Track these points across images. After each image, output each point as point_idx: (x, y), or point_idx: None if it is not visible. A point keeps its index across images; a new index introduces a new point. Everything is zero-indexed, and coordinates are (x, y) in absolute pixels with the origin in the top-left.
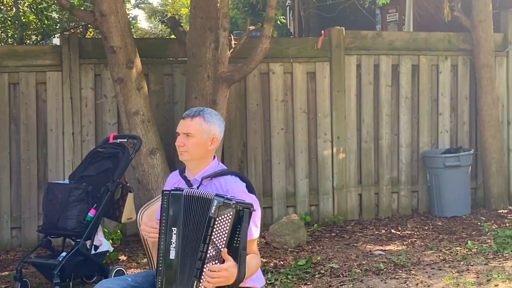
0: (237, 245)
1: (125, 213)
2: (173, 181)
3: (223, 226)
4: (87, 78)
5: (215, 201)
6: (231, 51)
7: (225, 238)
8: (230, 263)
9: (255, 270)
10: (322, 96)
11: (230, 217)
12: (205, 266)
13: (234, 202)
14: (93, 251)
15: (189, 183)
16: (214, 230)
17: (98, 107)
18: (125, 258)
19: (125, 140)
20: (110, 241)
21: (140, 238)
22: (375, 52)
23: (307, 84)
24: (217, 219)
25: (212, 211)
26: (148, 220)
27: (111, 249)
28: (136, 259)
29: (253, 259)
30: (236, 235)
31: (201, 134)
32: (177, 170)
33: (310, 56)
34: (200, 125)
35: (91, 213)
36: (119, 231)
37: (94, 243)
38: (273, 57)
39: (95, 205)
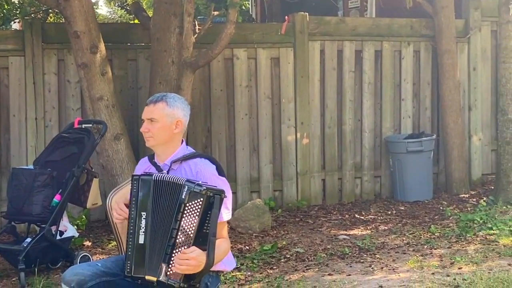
0: (207, 231)
1: (90, 198)
2: (143, 167)
3: (193, 212)
4: (50, 63)
5: (186, 186)
6: (195, 36)
7: (195, 224)
8: (198, 251)
9: (224, 256)
10: (286, 82)
11: (201, 203)
12: (174, 251)
13: (205, 188)
14: (58, 237)
15: (159, 169)
16: (184, 216)
17: (62, 93)
18: (90, 243)
19: (90, 125)
20: (75, 226)
21: (109, 223)
22: (339, 37)
23: (271, 70)
24: (188, 205)
25: (183, 197)
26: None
27: (76, 234)
28: (101, 245)
29: (222, 244)
30: (206, 221)
31: (165, 118)
32: (146, 157)
33: (274, 41)
34: (163, 109)
35: (56, 198)
36: (84, 216)
37: (59, 229)
38: (237, 42)
39: (60, 190)
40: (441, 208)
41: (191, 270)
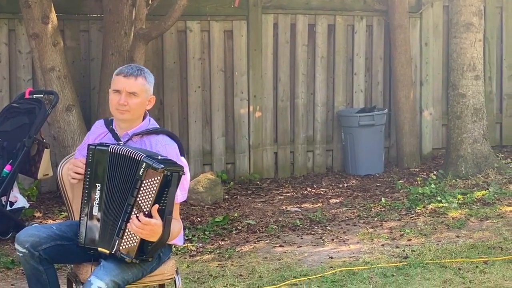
0: (163, 207)
1: (41, 169)
2: (98, 131)
3: (149, 189)
4: (0, 33)
5: (144, 163)
6: (148, 8)
7: (150, 201)
8: (158, 221)
9: (176, 236)
10: (239, 55)
11: (158, 180)
12: (128, 227)
13: (163, 166)
14: (8, 208)
15: (116, 136)
16: (140, 192)
17: (13, 63)
18: (40, 214)
19: (42, 95)
20: (26, 197)
21: (60, 194)
22: (292, 11)
23: (224, 43)
24: (144, 181)
25: (140, 173)
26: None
27: (27, 205)
28: (52, 216)
29: (176, 224)
30: (163, 199)
31: (144, 94)
32: (102, 120)
33: (228, 14)
34: (144, 85)
35: (7, 168)
36: (35, 187)
37: (9, 199)
38: (190, 14)
39: (11, 160)
40: (392, 181)
41: (144, 235)
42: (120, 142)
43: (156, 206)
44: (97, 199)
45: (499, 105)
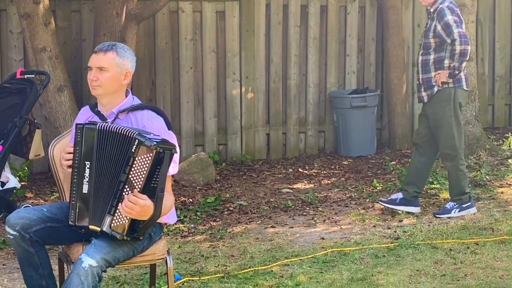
0: (155, 185)
1: (33, 149)
2: (85, 117)
3: (142, 166)
4: None
5: (136, 140)
6: None
7: (142, 178)
8: (148, 202)
9: (169, 210)
10: (231, 36)
11: (150, 157)
12: (120, 204)
13: (155, 143)
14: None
15: (103, 118)
16: (133, 169)
17: (4, 43)
18: (32, 195)
19: (33, 75)
20: (17, 178)
21: (52, 175)
22: None
23: (216, 23)
24: (137, 158)
25: (132, 150)
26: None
27: (19, 185)
28: (43, 197)
29: (167, 198)
30: (155, 176)
31: (115, 68)
32: (87, 106)
33: None
34: (114, 59)
35: None
36: (26, 168)
37: (1, 180)
38: None
39: (2, 141)
40: (384, 163)
41: (134, 215)
42: (107, 120)
43: (136, 191)
44: (86, 176)
45: (491, 87)
